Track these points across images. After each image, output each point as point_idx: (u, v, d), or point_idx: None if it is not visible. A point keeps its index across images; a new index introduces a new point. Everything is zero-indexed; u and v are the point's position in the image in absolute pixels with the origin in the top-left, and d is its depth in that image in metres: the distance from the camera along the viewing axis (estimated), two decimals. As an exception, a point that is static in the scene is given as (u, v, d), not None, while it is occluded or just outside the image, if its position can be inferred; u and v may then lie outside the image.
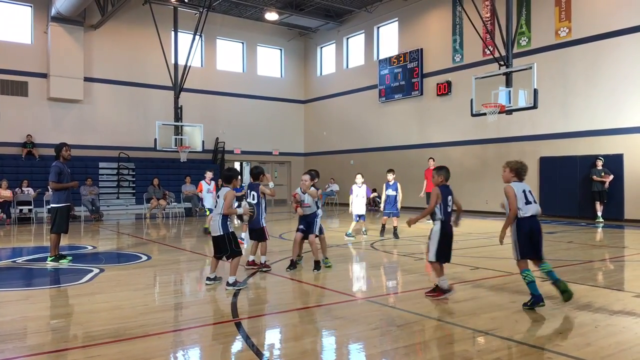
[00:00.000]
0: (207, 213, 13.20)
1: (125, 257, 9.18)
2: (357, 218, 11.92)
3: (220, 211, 6.33)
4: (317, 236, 7.55)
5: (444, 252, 5.77)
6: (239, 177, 6.90)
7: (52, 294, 6.51)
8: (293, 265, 7.61)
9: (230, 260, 6.43)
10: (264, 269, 7.47)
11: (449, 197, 5.84)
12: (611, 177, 15.03)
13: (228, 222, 6.42)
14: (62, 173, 8.34)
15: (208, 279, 6.61)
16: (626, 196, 15.10)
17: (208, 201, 12.81)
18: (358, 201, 11.90)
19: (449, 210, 5.84)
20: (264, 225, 7.63)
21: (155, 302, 5.92)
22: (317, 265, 7.46)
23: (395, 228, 11.63)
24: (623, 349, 4.09)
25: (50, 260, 8.28)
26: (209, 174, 13.18)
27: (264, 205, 7.78)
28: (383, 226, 12.05)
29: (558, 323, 4.79)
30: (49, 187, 8.63)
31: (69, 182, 8.47)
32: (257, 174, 7.75)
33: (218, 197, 6.47)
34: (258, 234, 7.61)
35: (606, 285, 6.69)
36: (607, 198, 15.12)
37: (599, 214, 15.10)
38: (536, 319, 4.94)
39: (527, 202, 5.41)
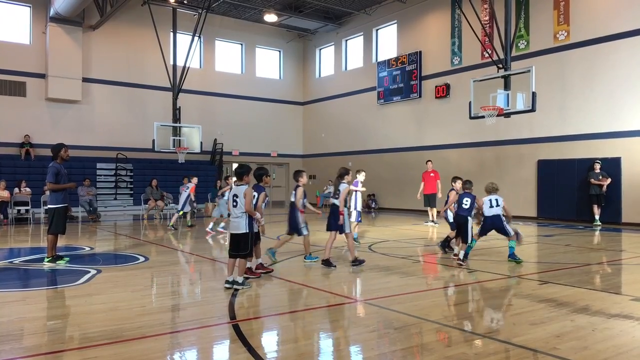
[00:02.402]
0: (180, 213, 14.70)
1: (123, 259, 9.17)
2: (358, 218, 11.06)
3: (244, 209, 6.27)
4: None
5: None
6: (250, 174, 6.83)
7: (49, 295, 6.49)
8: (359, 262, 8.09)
9: (239, 260, 6.39)
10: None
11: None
12: (609, 180, 15.04)
13: (253, 221, 6.42)
14: (60, 174, 8.33)
15: (227, 282, 6.42)
16: (624, 199, 15.12)
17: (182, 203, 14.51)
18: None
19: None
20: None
21: (153, 304, 5.90)
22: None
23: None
24: (620, 352, 4.09)
25: (48, 261, 8.26)
26: (194, 179, 14.86)
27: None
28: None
29: (555, 326, 4.79)
30: (45, 187, 8.60)
31: (66, 183, 8.46)
32: (259, 175, 7.49)
33: (237, 196, 6.33)
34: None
35: (604, 289, 6.70)
36: (605, 201, 15.13)
37: (597, 217, 15.11)
38: (534, 322, 4.94)
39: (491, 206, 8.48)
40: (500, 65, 14.52)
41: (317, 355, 4.22)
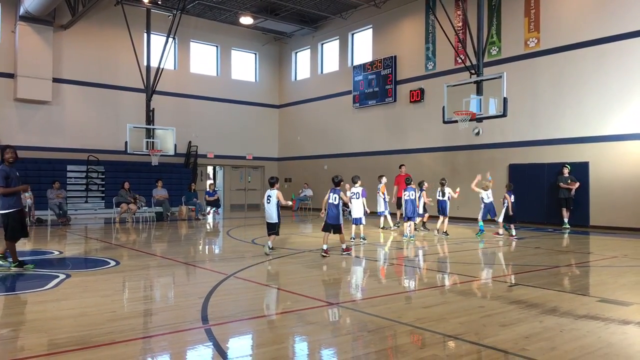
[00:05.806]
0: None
1: (93, 263, 8.99)
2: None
3: (276, 207, 9.56)
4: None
5: None
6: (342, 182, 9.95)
7: (15, 300, 6.32)
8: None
9: (272, 237, 9.63)
10: (344, 253, 9.67)
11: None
12: (577, 184, 15.41)
13: (280, 214, 9.65)
14: (10, 177, 8.02)
15: (269, 248, 9.53)
16: (591, 203, 15.51)
17: (381, 204, 14.83)
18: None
19: None
20: (341, 222, 9.76)
21: (124, 309, 5.80)
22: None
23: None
24: (587, 353, 4.20)
25: (14, 267, 8.03)
26: (384, 179, 14.97)
27: (341, 206, 9.80)
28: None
29: (525, 327, 4.89)
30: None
31: (17, 186, 8.20)
32: (338, 182, 9.87)
33: (270, 196, 9.51)
34: (336, 228, 9.60)
35: (572, 290, 6.86)
36: (573, 205, 15.50)
37: (566, 220, 15.47)
38: (504, 323, 5.03)
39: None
40: (473, 71, 14.76)
41: (291, 359, 4.22)
